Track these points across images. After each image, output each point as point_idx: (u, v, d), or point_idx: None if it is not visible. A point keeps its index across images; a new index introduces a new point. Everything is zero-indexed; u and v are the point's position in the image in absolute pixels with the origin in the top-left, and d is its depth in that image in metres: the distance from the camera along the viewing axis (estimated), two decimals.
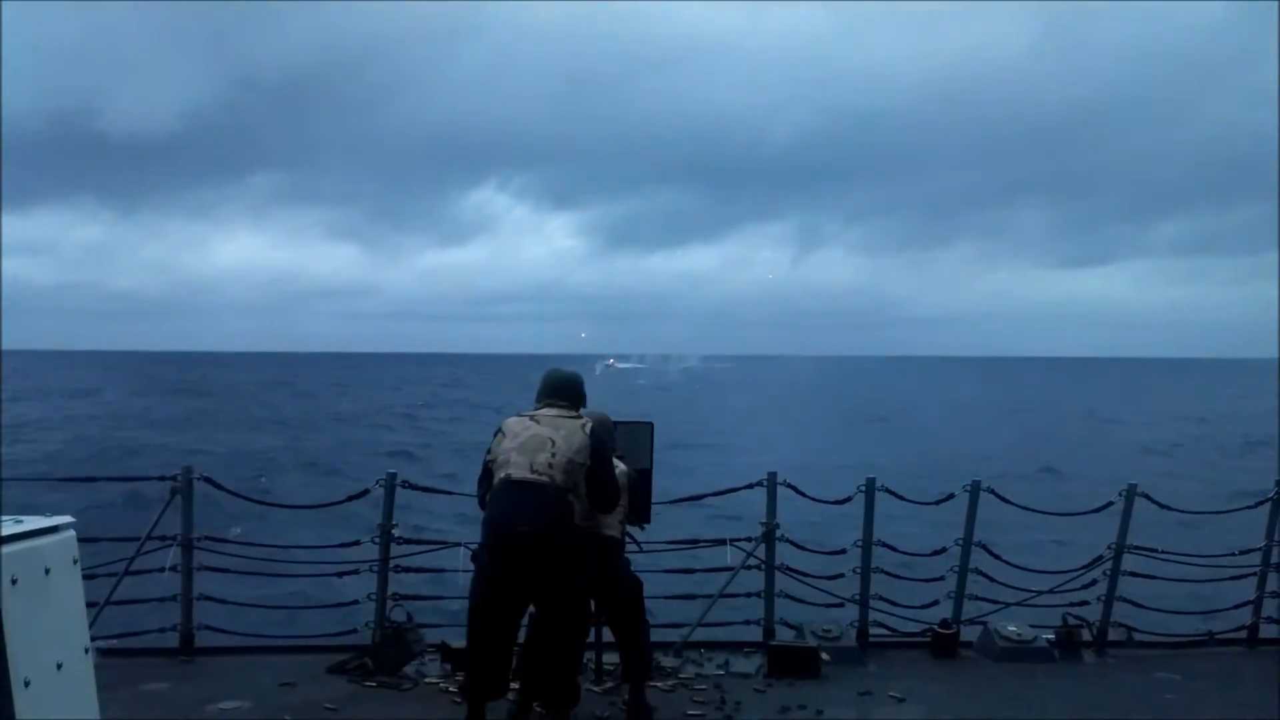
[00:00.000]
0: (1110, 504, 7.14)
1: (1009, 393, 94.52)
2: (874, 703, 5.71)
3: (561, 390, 4.99)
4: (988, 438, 44.21)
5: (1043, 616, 7.12)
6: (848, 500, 7.04)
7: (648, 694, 5.33)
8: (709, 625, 6.71)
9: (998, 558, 7.11)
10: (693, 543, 6.96)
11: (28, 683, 1.97)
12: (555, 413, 4.88)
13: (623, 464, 5.37)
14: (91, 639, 2.32)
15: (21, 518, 2.13)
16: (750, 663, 6.45)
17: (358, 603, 6.54)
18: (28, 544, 2.06)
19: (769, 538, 6.73)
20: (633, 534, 5.83)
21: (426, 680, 5.87)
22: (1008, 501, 7.32)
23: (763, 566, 6.76)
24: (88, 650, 2.26)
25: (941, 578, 7.12)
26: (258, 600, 8.04)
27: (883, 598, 6.98)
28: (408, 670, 6.02)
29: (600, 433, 4.96)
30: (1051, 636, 6.91)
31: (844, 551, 7.00)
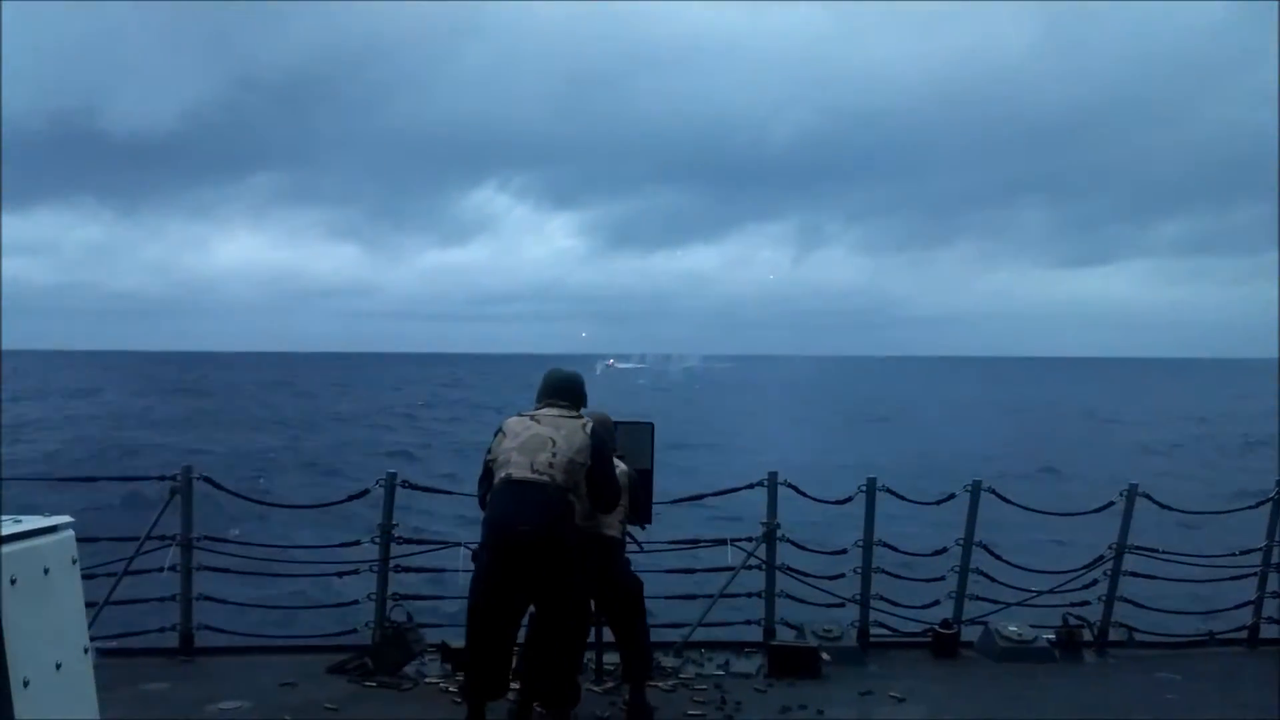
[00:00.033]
0: (1111, 504, 7.14)
1: (1009, 393, 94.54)
2: (875, 703, 5.70)
3: (562, 390, 4.98)
4: (988, 438, 44.22)
5: (1043, 616, 7.12)
6: (848, 500, 7.04)
7: (648, 694, 5.32)
8: (709, 625, 6.71)
9: (998, 558, 7.11)
10: (693, 543, 6.96)
11: (27, 683, 1.96)
12: (556, 413, 4.88)
13: (623, 464, 5.37)
14: (91, 639, 2.31)
15: (21, 518, 2.12)
16: (751, 663, 6.44)
17: (358, 603, 6.54)
18: (27, 544, 2.06)
19: (770, 538, 6.73)
20: (633, 534, 5.83)
21: (426, 680, 5.87)
22: (1008, 501, 7.32)
23: (763, 566, 6.75)
24: (87, 650, 2.26)
25: (942, 578, 7.12)
26: (257, 600, 8.04)
27: (883, 598, 6.98)
28: (408, 670, 6.01)
29: (601, 433, 4.96)
30: (1052, 636, 6.90)
31: (845, 551, 6.99)
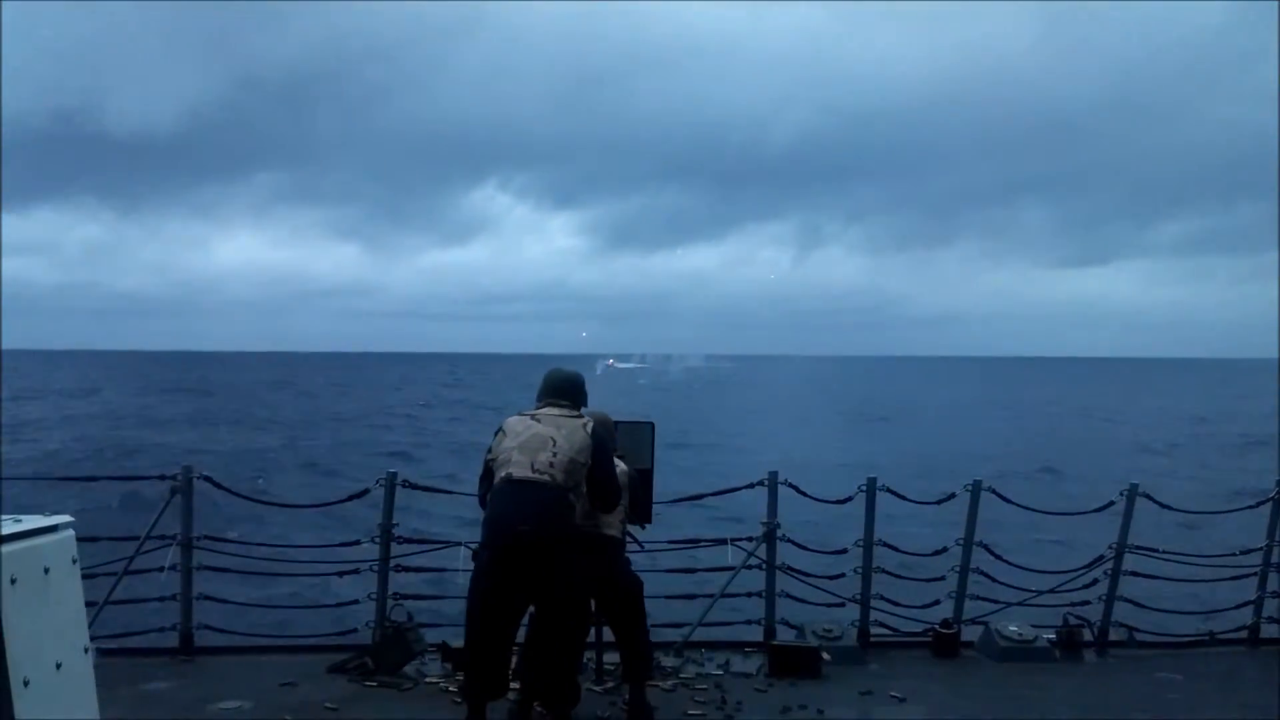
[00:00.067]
0: (1111, 504, 7.14)
1: (1009, 393, 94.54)
2: (875, 702, 5.70)
3: (563, 390, 4.98)
4: (988, 438, 44.25)
5: (1044, 616, 7.12)
6: (849, 500, 7.03)
7: (648, 694, 5.31)
8: (710, 625, 6.70)
9: (999, 558, 7.11)
10: (693, 542, 6.95)
11: (27, 682, 1.96)
12: (557, 412, 4.87)
13: (623, 463, 5.36)
14: (91, 638, 2.31)
15: (21, 517, 2.12)
16: (751, 662, 6.44)
17: (358, 603, 6.54)
18: (27, 543, 2.06)
19: (770, 537, 6.73)
20: (633, 533, 5.83)
21: (427, 680, 5.86)
22: (1009, 501, 7.33)
23: (764, 566, 6.75)
24: (87, 650, 2.26)
25: (942, 577, 7.12)
26: (258, 600, 8.04)
27: (884, 597, 6.98)
28: (408, 670, 6.01)
29: (601, 432, 4.95)
30: (1053, 636, 6.90)
31: (845, 551, 6.98)
